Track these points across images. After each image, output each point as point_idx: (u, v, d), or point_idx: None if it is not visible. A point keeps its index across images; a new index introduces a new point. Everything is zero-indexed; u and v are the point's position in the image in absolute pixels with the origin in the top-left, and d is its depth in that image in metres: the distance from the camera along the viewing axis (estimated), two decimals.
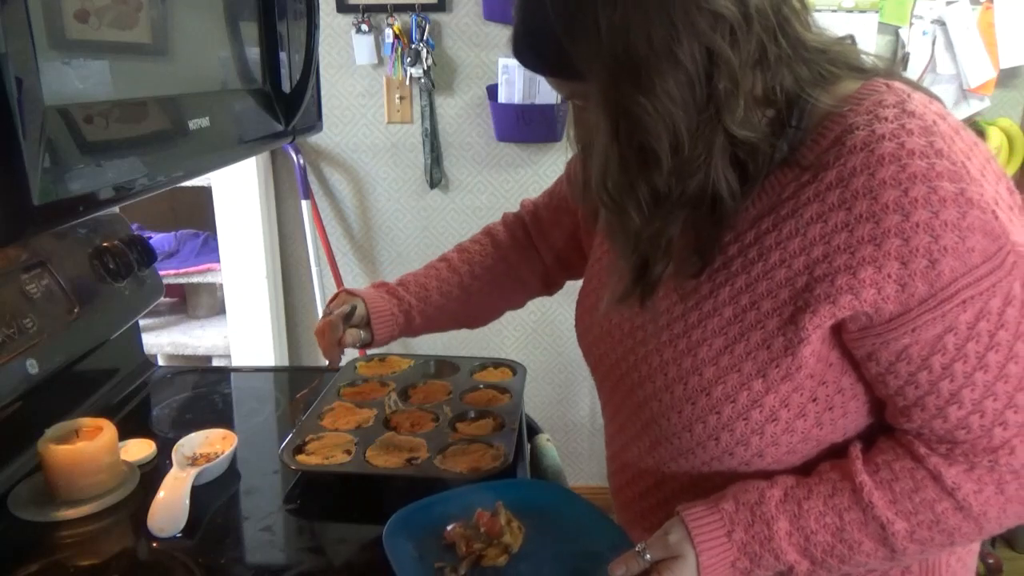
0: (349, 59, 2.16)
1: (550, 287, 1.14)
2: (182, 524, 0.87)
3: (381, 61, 2.16)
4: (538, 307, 2.35)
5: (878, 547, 0.67)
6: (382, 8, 2.10)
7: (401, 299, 1.04)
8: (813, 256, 0.65)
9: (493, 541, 0.79)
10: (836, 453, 0.72)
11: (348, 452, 1.00)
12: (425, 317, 1.05)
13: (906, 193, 0.60)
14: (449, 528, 0.81)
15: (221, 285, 2.29)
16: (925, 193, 0.60)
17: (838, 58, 0.70)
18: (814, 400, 0.69)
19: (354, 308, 1.00)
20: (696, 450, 0.74)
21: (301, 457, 0.98)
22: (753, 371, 0.69)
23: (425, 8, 2.11)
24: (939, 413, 0.65)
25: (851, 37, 0.73)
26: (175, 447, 0.98)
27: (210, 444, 1.02)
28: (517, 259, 1.09)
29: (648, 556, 0.70)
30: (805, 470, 0.72)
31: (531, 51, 0.72)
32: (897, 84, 0.68)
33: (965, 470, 0.65)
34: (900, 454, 0.68)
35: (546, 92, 2.10)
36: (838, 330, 0.67)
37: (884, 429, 0.72)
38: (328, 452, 1.00)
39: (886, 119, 0.63)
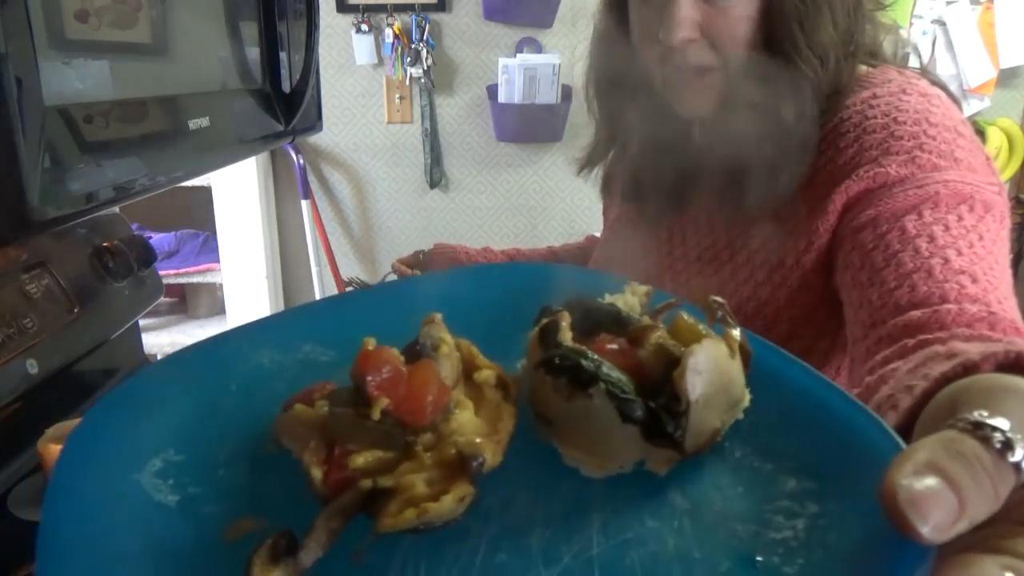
0: (349, 59, 2.16)
1: None
2: None
3: (381, 61, 2.16)
4: None
5: None
6: (382, 8, 2.10)
7: (489, 259, 1.08)
8: (801, 199, 0.67)
9: (417, 442, 0.31)
10: None
11: None
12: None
13: (895, 120, 0.63)
14: (293, 401, 0.34)
15: (221, 285, 2.29)
16: (915, 117, 0.63)
17: (878, 40, 0.73)
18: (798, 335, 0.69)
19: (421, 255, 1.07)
20: None
21: None
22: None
23: (425, 8, 2.11)
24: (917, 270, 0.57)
25: (897, 26, 0.76)
26: None
27: None
28: None
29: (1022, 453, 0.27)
30: None
31: None
32: (909, 71, 0.71)
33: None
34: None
35: (546, 92, 2.10)
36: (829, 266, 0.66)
37: None
38: None
39: (888, 87, 0.67)
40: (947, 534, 0.23)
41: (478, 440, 0.30)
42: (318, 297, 2.30)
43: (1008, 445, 0.24)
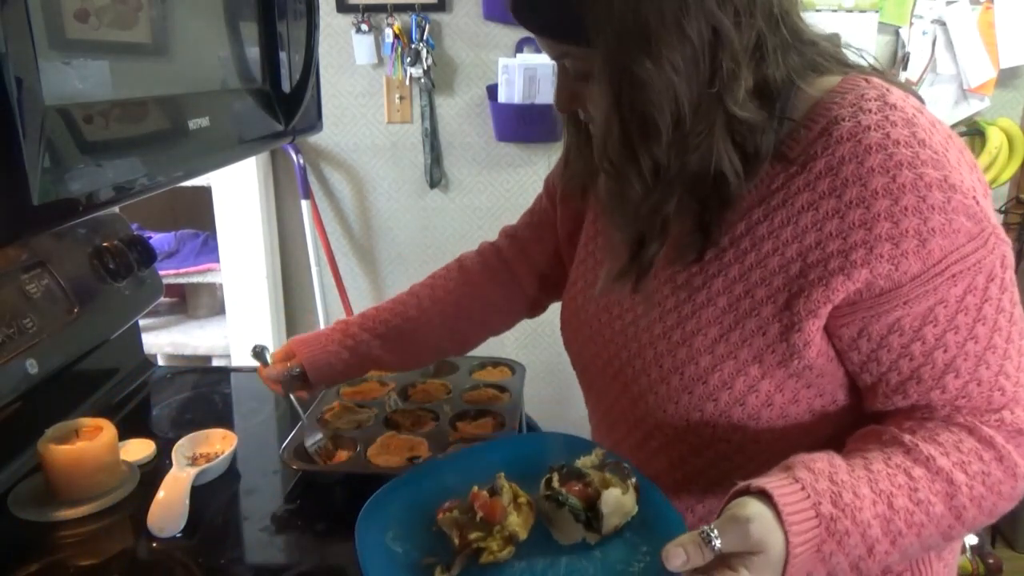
0: (349, 59, 2.16)
1: (533, 309, 1.09)
2: (182, 524, 0.87)
3: (381, 61, 2.16)
4: None
5: (945, 509, 0.63)
6: (382, 8, 2.10)
7: (358, 341, 1.00)
8: (806, 243, 0.67)
9: (494, 529, 0.67)
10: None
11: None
12: (392, 351, 1.02)
13: (894, 179, 0.63)
14: (443, 509, 0.71)
15: (221, 285, 2.29)
16: (912, 179, 0.63)
17: (826, 51, 0.72)
18: (808, 387, 0.72)
19: (293, 372, 0.98)
20: (690, 437, 0.76)
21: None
22: (749, 357, 0.71)
23: (425, 8, 2.11)
24: (936, 384, 0.67)
25: (838, 35, 0.76)
26: (175, 447, 0.98)
27: (210, 444, 1.02)
28: (486, 284, 1.06)
29: (718, 544, 0.56)
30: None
31: (534, 12, 0.70)
32: (875, 79, 0.70)
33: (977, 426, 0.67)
34: (921, 422, 0.68)
35: (546, 92, 2.10)
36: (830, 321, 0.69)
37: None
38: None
39: (870, 111, 0.66)
40: (682, 570, 0.56)
41: (517, 529, 0.68)
42: (317, 297, 2.31)
43: (710, 540, 0.56)
